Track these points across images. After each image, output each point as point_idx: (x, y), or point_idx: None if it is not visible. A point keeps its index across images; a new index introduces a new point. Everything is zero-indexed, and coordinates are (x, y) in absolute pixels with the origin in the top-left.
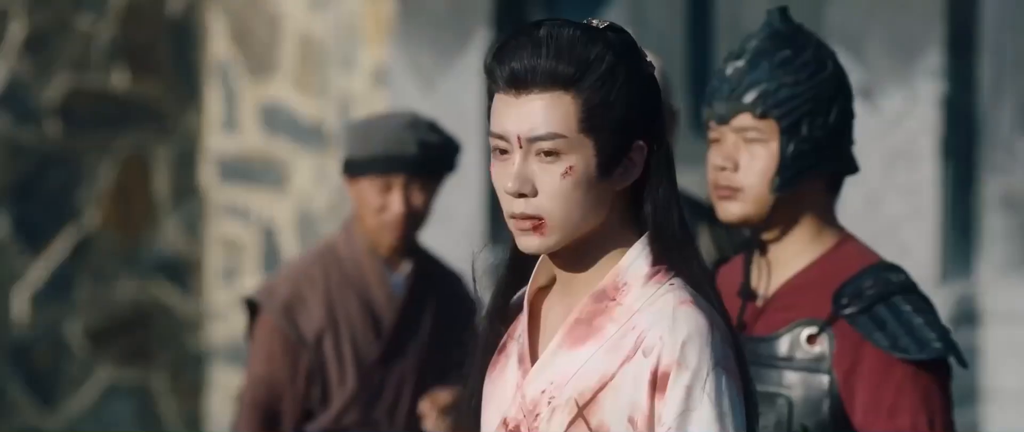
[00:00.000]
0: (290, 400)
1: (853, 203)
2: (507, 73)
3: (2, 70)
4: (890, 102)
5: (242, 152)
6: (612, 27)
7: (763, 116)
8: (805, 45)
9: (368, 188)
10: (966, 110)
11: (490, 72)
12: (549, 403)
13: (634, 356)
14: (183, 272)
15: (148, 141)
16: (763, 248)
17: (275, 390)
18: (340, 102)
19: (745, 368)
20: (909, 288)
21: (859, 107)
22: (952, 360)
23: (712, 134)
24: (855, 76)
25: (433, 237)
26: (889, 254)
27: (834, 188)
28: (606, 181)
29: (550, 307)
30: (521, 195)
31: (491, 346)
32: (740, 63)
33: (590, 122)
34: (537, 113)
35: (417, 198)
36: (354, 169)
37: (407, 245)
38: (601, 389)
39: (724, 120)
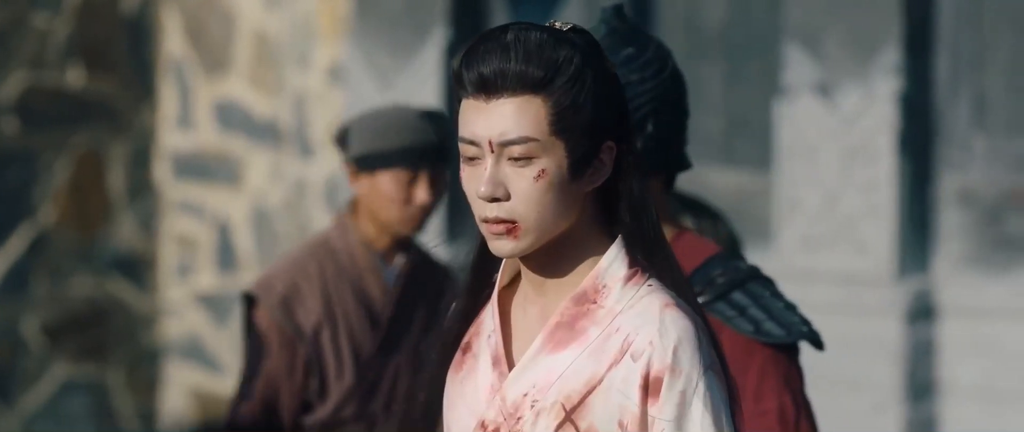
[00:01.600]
0: (288, 393)
1: (811, 200)
2: (476, 78)
3: None
4: (848, 99)
5: (197, 149)
6: (575, 29)
7: None
8: (647, 43)
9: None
10: (923, 107)
11: (458, 78)
12: (532, 407)
13: (622, 360)
14: (138, 269)
15: (104, 138)
16: None
17: (272, 383)
18: (295, 100)
19: (727, 367)
20: (757, 274)
21: (817, 104)
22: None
23: None
24: (812, 73)
25: None
26: (847, 250)
27: (669, 184)
28: (577, 183)
29: (522, 308)
30: (494, 199)
31: (454, 345)
32: None
33: (561, 124)
34: (508, 117)
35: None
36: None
37: (405, 239)
38: (589, 393)
39: None
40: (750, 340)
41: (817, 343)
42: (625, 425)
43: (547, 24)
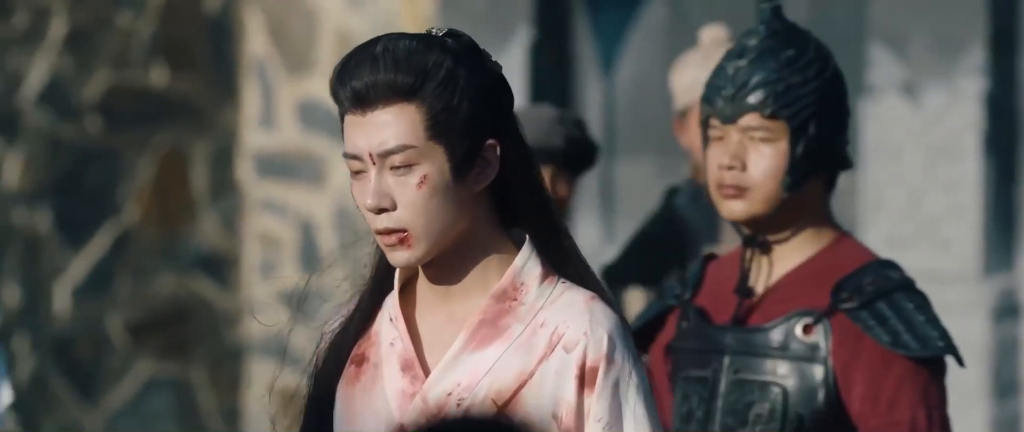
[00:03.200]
0: None
1: (895, 199)
2: (350, 93)
3: (44, 67)
4: (933, 99)
5: (279, 148)
6: (451, 33)
7: (772, 116)
8: (806, 44)
9: None
10: (1008, 107)
11: (335, 94)
12: (458, 405)
13: (552, 353)
14: (221, 267)
15: (187, 137)
16: (762, 245)
17: None
18: None
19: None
20: (908, 285)
21: (902, 104)
22: (949, 359)
23: (714, 132)
24: (897, 73)
25: None
26: (931, 249)
27: (831, 184)
28: (463, 184)
29: (426, 314)
30: (382, 210)
31: (345, 359)
32: (742, 62)
33: (437, 128)
34: (384, 127)
35: (561, 190)
36: None
37: None
38: (520, 387)
39: (730, 120)
40: (889, 351)
41: (957, 358)
42: (560, 417)
43: (424, 32)
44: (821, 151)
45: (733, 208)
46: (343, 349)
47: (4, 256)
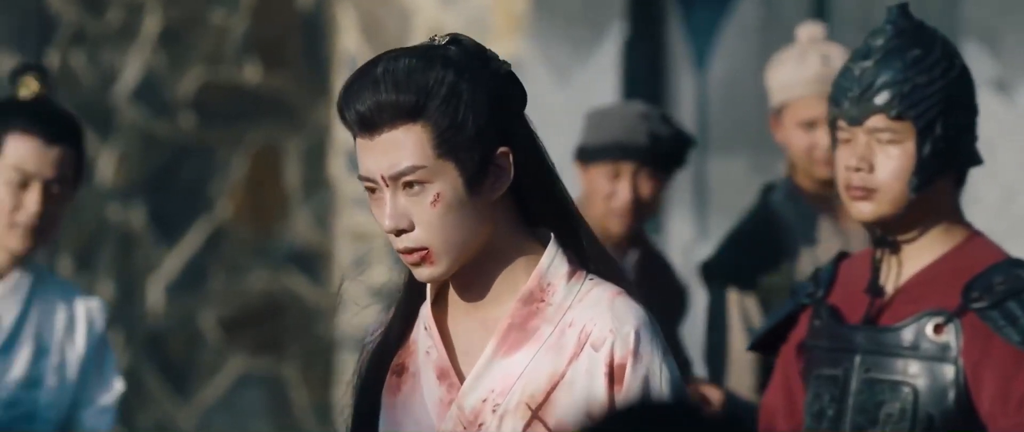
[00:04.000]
0: None
1: (989, 197)
2: (355, 117)
3: (137, 64)
4: None
5: None
6: (454, 40)
7: (899, 117)
8: (933, 43)
9: (598, 175)
10: None
11: (343, 118)
12: (494, 411)
13: (581, 352)
14: (314, 263)
15: (279, 134)
16: (892, 245)
17: None
18: None
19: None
20: None
21: (995, 101)
22: None
23: (841, 134)
24: (990, 70)
25: None
26: None
27: (960, 183)
28: (478, 195)
29: (459, 321)
30: (400, 231)
31: (387, 369)
32: (868, 63)
33: (445, 146)
34: (393, 150)
35: (645, 188)
36: (586, 156)
37: (634, 233)
38: (553, 389)
39: (856, 121)
40: (1019, 350)
41: None
42: (593, 416)
43: (425, 42)
44: (948, 151)
45: (861, 209)
46: (384, 359)
47: (98, 252)
